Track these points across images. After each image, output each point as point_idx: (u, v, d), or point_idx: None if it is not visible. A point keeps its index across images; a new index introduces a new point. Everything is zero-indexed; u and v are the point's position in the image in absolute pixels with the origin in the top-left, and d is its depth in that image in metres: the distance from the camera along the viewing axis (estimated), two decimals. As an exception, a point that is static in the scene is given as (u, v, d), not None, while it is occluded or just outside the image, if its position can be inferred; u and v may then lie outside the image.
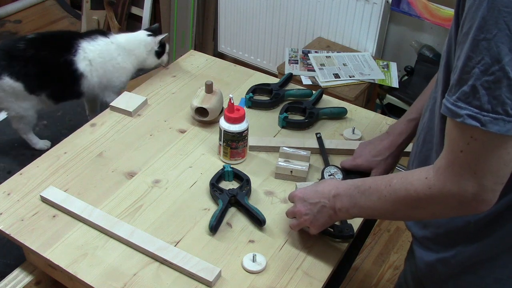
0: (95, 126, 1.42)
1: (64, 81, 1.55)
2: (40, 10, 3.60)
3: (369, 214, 0.94)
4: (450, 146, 0.76)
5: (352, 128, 1.40)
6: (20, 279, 1.16)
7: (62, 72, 1.52)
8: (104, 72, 1.56)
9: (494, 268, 0.88)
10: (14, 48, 1.49)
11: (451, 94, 0.72)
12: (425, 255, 0.96)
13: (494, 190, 0.74)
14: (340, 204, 0.96)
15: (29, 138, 1.64)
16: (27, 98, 1.52)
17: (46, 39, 1.57)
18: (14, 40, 1.53)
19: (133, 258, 1.06)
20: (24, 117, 1.57)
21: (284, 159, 1.26)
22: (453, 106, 0.71)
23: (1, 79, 1.46)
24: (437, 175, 0.78)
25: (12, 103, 1.52)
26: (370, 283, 2.06)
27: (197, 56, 1.74)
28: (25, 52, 1.49)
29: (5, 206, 1.17)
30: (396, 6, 2.28)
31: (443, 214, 0.84)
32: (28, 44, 1.50)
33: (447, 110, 0.73)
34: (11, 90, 1.48)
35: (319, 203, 0.99)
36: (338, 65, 2.32)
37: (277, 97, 1.50)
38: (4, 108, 1.56)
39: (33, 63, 1.49)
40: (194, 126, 1.43)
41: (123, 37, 1.62)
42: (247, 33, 2.80)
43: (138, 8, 3.04)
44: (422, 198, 0.80)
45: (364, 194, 0.91)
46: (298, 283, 1.02)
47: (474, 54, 0.68)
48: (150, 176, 1.26)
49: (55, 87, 1.55)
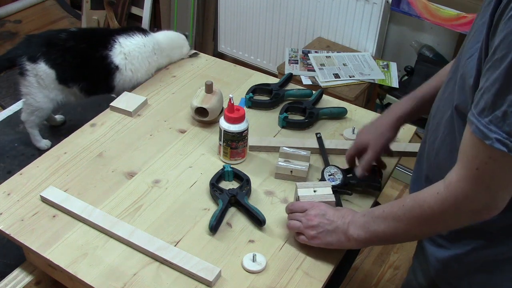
0: (95, 126, 1.42)
1: (98, 74, 1.58)
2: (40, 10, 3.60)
3: (381, 238, 0.95)
4: (465, 162, 0.78)
5: (352, 128, 1.40)
6: (20, 279, 1.16)
7: (97, 65, 1.56)
8: (139, 66, 1.59)
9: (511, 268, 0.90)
10: (55, 37, 1.54)
11: (483, 116, 0.74)
12: (437, 252, 0.97)
13: (505, 200, 0.78)
14: (352, 230, 0.98)
15: (34, 134, 1.65)
16: (55, 89, 1.55)
17: (87, 33, 1.64)
18: (57, 30, 1.59)
19: (133, 258, 1.06)
20: (41, 109, 1.58)
21: (284, 159, 1.26)
22: (485, 129, 0.73)
23: (37, 63, 1.50)
24: (449, 190, 0.80)
25: (38, 91, 1.55)
26: (370, 283, 2.06)
27: (197, 56, 1.74)
28: (66, 43, 1.53)
29: (5, 206, 1.17)
30: (396, 6, 2.28)
31: (456, 225, 0.87)
32: (70, 36, 1.55)
33: (479, 131, 0.74)
34: (44, 75, 1.52)
35: (336, 223, 1.01)
36: (338, 65, 2.32)
37: (277, 97, 1.50)
38: (28, 94, 1.57)
39: (71, 54, 1.53)
40: (194, 126, 1.43)
41: (162, 35, 1.67)
42: (247, 33, 2.79)
43: (138, 8, 3.04)
44: (436, 213, 0.83)
45: (378, 219, 0.94)
46: (298, 283, 1.02)
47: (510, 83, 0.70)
48: (150, 176, 1.26)
49: (89, 80, 1.58)
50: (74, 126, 1.50)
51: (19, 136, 1.67)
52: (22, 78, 1.54)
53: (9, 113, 1.80)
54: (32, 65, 1.51)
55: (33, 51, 1.51)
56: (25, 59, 1.51)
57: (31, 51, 1.51)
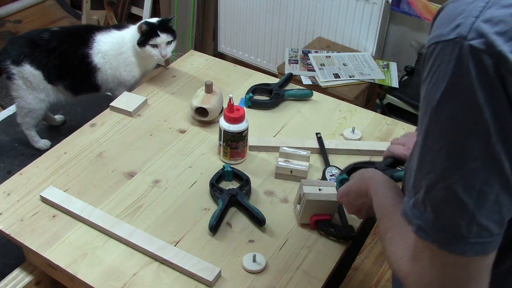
0: (95, 126, 1.42)
1: (81, 73, 1.57)
2: (40, 10, 3.60)
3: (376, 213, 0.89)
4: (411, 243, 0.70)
5: (352, 128, 1.40)
6: (20, 279, 1.16)
7: (79, 64, 1.55)
8: (117, 64, 1.57)
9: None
10: (37, 38, 1.53)
11: (410, 197, 0.67)
12: None
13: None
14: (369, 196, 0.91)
15: (31, 135, 1.65)
16: (44, 89, 1.54)
17: (69, 32, 1.61)
18: (40, 30, 1.57)
19: (133, 258, 1.06)
20: (33, 110, 1.58)
21: (284, 159, 1.26)
22: (410, 212, 0.67)
23: (22, 65, 1.50)
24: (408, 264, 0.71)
25: (28, 93, 1.54)
26: (370, 283, 2.05)
27: (197, 56, 1.74)
28: (49, 43, 1.52)
29: (5, 206, 1.17)
30: (396, 6, 2.28)
31: None
32: (52, 35, 1.54)
33: (405, 214, 0.68)
34: (31, 77, 1.51)
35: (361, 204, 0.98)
36: (338, 65, 2.32)
37: (277, 97, 1.50)
38: (19, 97, 1.57)
39: (55, 54, 1.52)
40: (194, 126, 1.42)
41: (129, 31, 1.59)
42: (247, 33, 2.79)
43: (138, 8, 3.03)
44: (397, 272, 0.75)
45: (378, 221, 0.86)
46: (298, 283, 1.02)
47: (421, 165, 0.64)
48: (150, 176, 1.26)
49: (73, 79, 1.57)
50: (74, 126, 1.50)
51: (19, 136, 1.67)
52: (10, 82, 1.54)
53: (9, 113, 1.81)
54: (17, 68, 1.50)
55: (16, 54, 1.50)
56: (9, 63, 1.51)
57: (14, 55, 1.51)
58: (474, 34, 0.56)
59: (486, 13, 0.56)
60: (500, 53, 0.55)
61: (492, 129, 0.57)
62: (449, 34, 0.58)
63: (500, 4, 0.56)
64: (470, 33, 0.56)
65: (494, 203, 0.60)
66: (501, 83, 0.56)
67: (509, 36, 0.55)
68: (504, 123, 0.57)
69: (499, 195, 0.60)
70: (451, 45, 0.57)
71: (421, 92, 0.64)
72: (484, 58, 0.55)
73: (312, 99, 1.54)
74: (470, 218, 0.61)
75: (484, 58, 0.55)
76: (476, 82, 0.56)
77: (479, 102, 0.57)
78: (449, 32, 0.58)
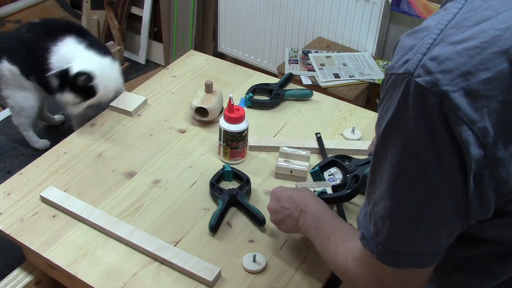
0: (95, 126, 1.42)
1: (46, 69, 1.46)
2: (40, 10, 3.60)
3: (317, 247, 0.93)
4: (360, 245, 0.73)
5: (352, 128, 1.40)
6: (20, 279, 1.16)
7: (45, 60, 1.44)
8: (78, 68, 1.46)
9: None
10: (15, 32, 1.48)
11: (365, 205, 0.71)
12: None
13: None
14: (301, 222, 0.96)
15: (29, 136, 1.64)
16: (28, 86, 1.49)
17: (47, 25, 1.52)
18: (23, 24, 1.51)
19: (133, 258, 1.06)
20: (24, 109, 1.54)
21: (284, 159, 1.26)
22: (361, 220, 0.71)
23: (1, 62, 1.46)
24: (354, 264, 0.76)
25: (12, 91, 1.50)
26: (370, 283, 2.05)
27: (197, 56, 1.74)
28: (22, 36, 1.45)
29: (5, 206, 1.17)
30: (396, 6, 2.28)
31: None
32: (29, 28, 1.47)
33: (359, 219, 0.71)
34: (9, 74, 1.46)
35: (289, 210, 0.99)
36: (338, 65, 2.32)
37: (277, 97, 1.50)
38: (7, 97, 1.54)
39: (24, 47, 1.45)
40: (194, 126, 1.42)
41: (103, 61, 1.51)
42: (247, 33, 2.79)
43: (138, 8, 3.03)
44: (341, 273, 0.80)
45: (316, 230, 0.91)
46: (298, 283, 1.02)
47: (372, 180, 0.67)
48: (150, 176, 1.26)
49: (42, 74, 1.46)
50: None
51: (19, 136, 1.67)
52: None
53: (9, 113, 1.81)
54: None
55: None
56: None
57: None
58: (420, 71, 0.57)
59: (433, 50, 0.57)
60: (443, 92, 0.55)
61: (430, 163, 0.59)
62: (400, 68, 0.59)
63: (447, 41, 0.57)
64: (417, 70, 0.57)
65: (429, 229, 0.63)
66: (444, 122, 0.56)
67: (454, 74, 0.56)
68: (442, 158, 0.58)
69: (434, 223, 0.62)
70: (400, 79, 0.59)
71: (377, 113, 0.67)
72: (428, 96, 0.56)
73: (312, 99, 1.54)
74: (406, 238, 0.64)
75: (428, 96, 0.56)
76: (419, 118, 0.57)
77: (418, 137, 0.58)
78: (400, 66, 0.59)
